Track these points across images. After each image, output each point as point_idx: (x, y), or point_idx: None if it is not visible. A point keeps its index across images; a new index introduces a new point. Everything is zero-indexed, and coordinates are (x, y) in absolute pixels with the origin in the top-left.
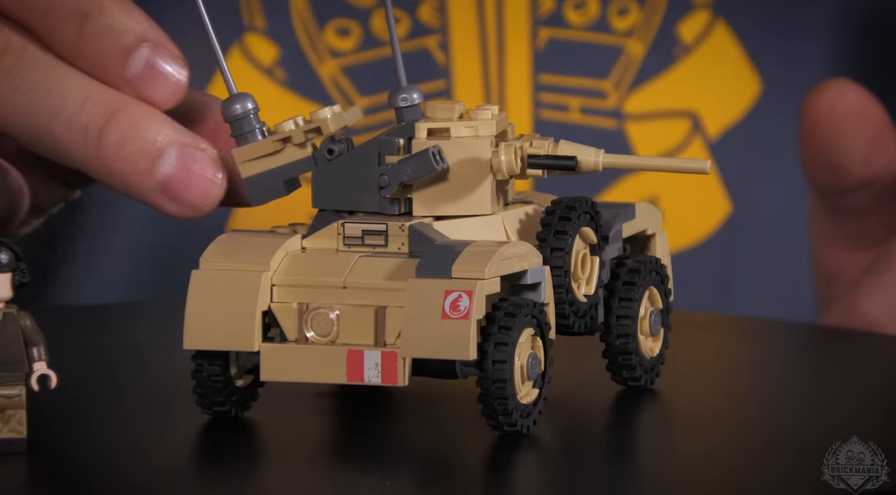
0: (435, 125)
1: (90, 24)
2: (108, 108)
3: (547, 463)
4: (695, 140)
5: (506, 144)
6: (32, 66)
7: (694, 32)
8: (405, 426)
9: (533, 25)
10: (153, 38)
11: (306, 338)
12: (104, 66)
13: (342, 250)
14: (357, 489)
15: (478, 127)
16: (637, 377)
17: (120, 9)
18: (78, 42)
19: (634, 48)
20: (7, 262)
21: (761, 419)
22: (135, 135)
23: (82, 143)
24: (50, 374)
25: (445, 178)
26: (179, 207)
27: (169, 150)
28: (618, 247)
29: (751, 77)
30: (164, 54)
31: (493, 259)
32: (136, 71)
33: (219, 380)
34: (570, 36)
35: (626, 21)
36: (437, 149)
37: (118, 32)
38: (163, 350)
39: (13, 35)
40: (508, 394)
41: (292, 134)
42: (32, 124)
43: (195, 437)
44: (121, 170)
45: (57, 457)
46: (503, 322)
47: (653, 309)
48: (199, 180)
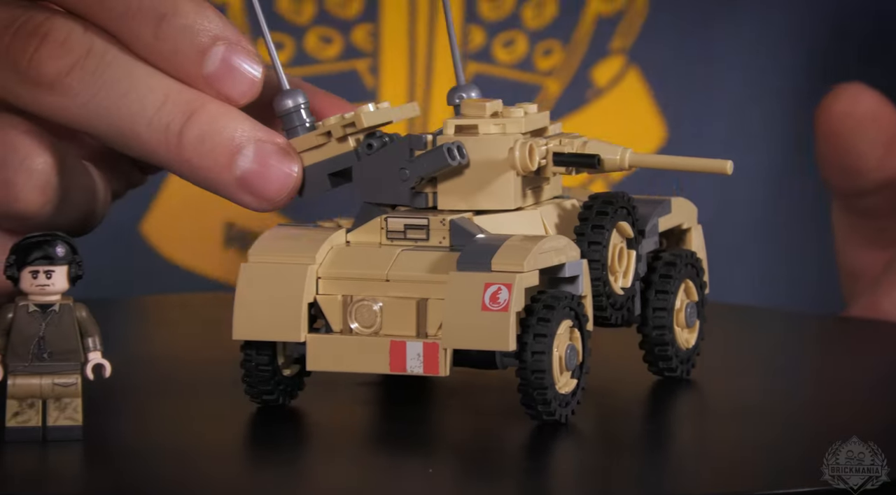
0: (463, 122)
1: (166, 24)
2: (187, 106)
3: (585, 452)
4: (597, 180)
5: (522, 141)
6: (114, 67)
7: (607, 77)
8: (446, 415)
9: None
10: (228, 36)
11: (350, 329)
12: (181, 65)
13: (385, 244)
14: (400, 475)
15: (506, 124)
16: (673, 367)
17: (195, 9)
18: (155, 43)
19: (552, 87)
20: (63, 255)
21: (796, 410)
22: (214, 132)
23: (163, 142)
24: (105, 364)
25: (470, 174)
26: (257, 200)
27: (246, 146)
28: (654, 241)
29: (657, 123)
30: (239, 52)
31: (531, 252)
32: (212, 69)
33: (266, 370)
34: (495, 72)
35: (549, 61)
36: (458, 144)
37: (194, 32)
38: (212, 340)
39: (96, 38)
40: (547, 384)
41: (332, 128)
42: (115, 125)
43: (243, 425)
44: (201, 165)
45: (111, 444)
46: (542, 314)
47: (688, 301)
48: (276, 174)
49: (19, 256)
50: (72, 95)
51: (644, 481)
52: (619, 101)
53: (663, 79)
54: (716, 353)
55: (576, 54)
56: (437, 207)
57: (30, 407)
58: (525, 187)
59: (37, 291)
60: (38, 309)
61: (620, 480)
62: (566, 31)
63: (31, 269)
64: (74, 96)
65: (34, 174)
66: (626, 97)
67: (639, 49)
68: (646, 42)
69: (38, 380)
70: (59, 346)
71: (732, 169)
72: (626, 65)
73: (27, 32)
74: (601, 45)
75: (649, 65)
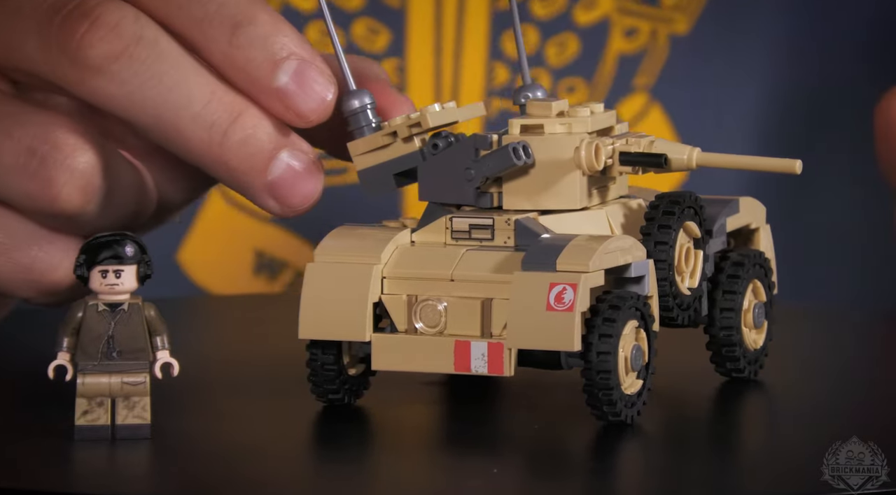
0: (529, 122)
1: (243, 33)
2: (232, 107)
3: (651, 453)
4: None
5: (588, 141)
6: (164, 59)
7: (632, 113)
8: (511, 415)
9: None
10: (302, 53)
11: (415, 328)
12: (253, 74)
13: (450, 244)
14: (465, 475)
15: (571, 124)
16: (741, 368)
17: (272, 21)
18: (229, 50)
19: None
20: (133, 255)
21: (865, 411)
22: (255, 137)
23: (206, 139)
24: (173, 363)
25: (535, 173)
26: (280, 207)
27: (281, 155)
28: (722, 241)
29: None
30: (313, 70)
31: (597, 252)
32: (283, 82)
33: (332, 369)
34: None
35: (572, 98)
36: (523, 144)
37: (269, 43)
38: (278, 339)
39: (147, 27)
40: (613, 385)
41: (398, 128)
42: (158, 116)
43: (309, 424)
44: (238, 168)
45: (178, 443)
46: (607, 314)
47: (756, 301)
48: (304, 184)
49: (89, 256)
50: (118, 81)
51: (711, 482)
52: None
53: (685, 114)
54: (784, 354)
55: (599, 90)
56: (501, 207)
57: (99, 406)
58: (591, 187)
59: (106, 291)
60: (107, 308)
61: (687, 481)
62: (588, 68)
63: (101, 269)
64: (121, 83)
65: (76, 173)
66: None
67: (661, 86)
68: (667, 79)
69: (107, 379)
70: (127, 345)
71: (801, 168)
72: (650, 101)
73: (78, 14)
74: (625, 82)
75: (671, 101)
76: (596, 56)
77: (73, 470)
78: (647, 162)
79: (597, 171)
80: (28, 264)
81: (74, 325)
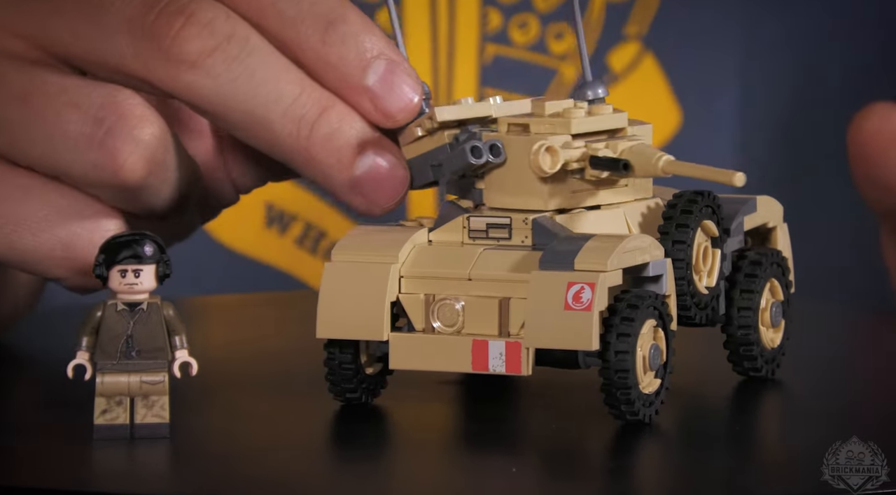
0: (516, 120)
1: (334, 31)
2: (320, 102)
3: (669, 452)
4: None
5: (540, 144)
6: (255, 55)
7: (623, 63)
8: (529, 414)
9: (481, 41)
10: (391, 54)
11: (433, 327)
12: (344, 72)
13: (467, 243)
14: (483, 474)
15: (555, 125)
16: (758, 367)
17: (361, 21)
18: (322, 48)
19: (567, 72)
20: (152, 254)
21: (883, 410)
22: (342, 132)
23: (294, 133)
24: (191, 362)
25: (507, 172)
26: (366, 203)
27: (368, 151)
28: (739, 240)
29: (672, 108)
30: (401, 71)
31: (614, 252)
32: (373, 81)
33: (350, 368)
34: (512, 54)
35: (561, 45)
36: (492, 143)
37: (360, 42)
38: (295, 338)
39: (238, 24)
40: (631, 384)
41: (420, 123)
42: (249, 111)
43: (327, 423)
44: (324, 161)
45: (197, 442)
46: (625, 313)
47: (774, 300)
48: (391, 181)
49: (108, 255)
50: (212, 76)
51: (729, 481)
52: (636, 87)
53: (678, 64)
54: (802, 353)
55: (587, 38)
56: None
57: (118, 405)
58: (567, 189)
59: (125, 290)
60: (126, 307)
61: (704, 480)
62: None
63: (120, 268)
64: (214, 77)
65: (140, 144)
66: (643, 83)
67: (653, 35)
68: (659, 28)
69: (125, 378)
70: (146, 344)
71: (742, 181)
72: (642, 51)
73: (172, 11)
74: (615, 30)
75: (663, 50)
76: (583, 2)
77: (92, 469)
78: (609, 167)
79: (546, 174)
80: (67, 240)
81: (93, 325)
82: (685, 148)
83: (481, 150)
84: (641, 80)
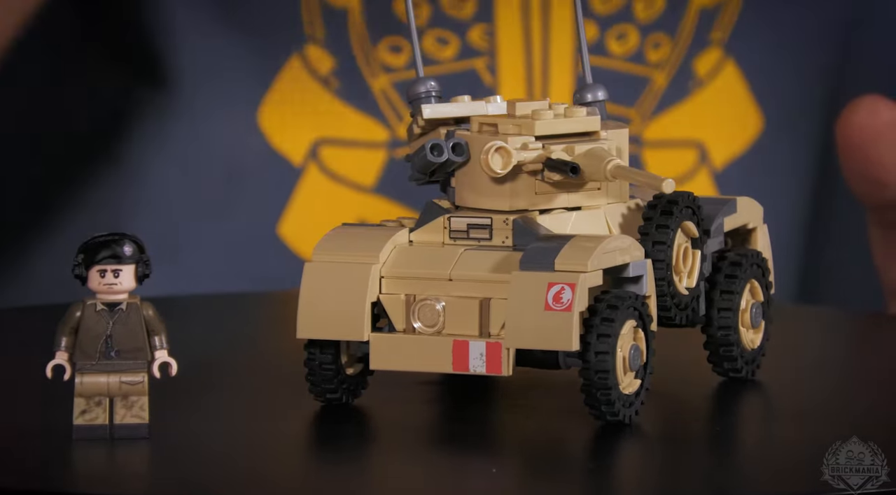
0: (486, 120)
1: None
2: None
3: (649, 452)
4: (701, 169)
5: (490, 144)
6: None
7: (707, 68)
8: (509, 415)
9: (575, 52)
10: None
11: (413, 328)
12: None
13: (448, 243)
14: (463, 475)
15: (521, 126)
16: (738, 368)
17: None
18: None
19: (659, 79)
20: (131, 255)
21: (862, 411)
22: None
23: None
24: (171, 362)
25: (472, 171)
26: None
27: None
28: (719, 241)
29: (754, 113)
30: None
31: (595, 252)
32: None
33: (330, 369)
34: (608, 65)
35: (658, 54)
36: (455, 141)
37: None
38: (275, 338)
39: None
40: (611, 385)
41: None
42: None
43: (307, 424)
44: None
45: (177, 442)
46: (606, 314)
47: (754, 301)
48: None
49: (87, 255)
50: None
51: (708, 482)
52: (719, 91)
53: (758, 69)
54: (781, 354)
55: (680, 46)
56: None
57: (97, 405)
58: (530, 190)
59: (104, 290)
60: (105, 307)
61: (685, 481)
62: (672, 23)
63: (99, 268)
64: None
65: None
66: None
67: (734, 40)
68: (741, 33)
69: (105, 378)
70: (126, 345)
71: (671, 188)
72: (724, 56)
73: None
74: (702, 35)
75: (744, 55)
76: (680, 10)
77: (71, 469)
78: (560, 169)
79: (496, 174)
80: None
81: (73, 325)
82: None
83: (442, 148)
84: (723, 87)
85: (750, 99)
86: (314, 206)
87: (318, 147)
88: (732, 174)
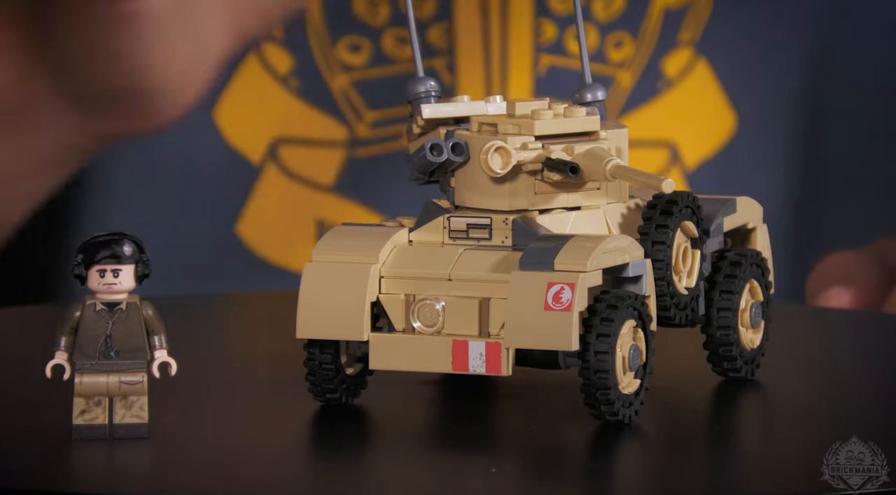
0: (486, 119)
1: None
2: None
3: (648, 452)
4: (673, 169)
5: (489, 145)
6: None
7: (677, 68)
8: (509, 414)
9: (535, 52)
10: None
11: (413, 328)
12: None
13: (447, 243)
14: (463, 474)
15: (521, 126)
16: (737, 368)
17: None
18: None
19: (624, 79)
20: (131, 254)
21: (863, 410)
22: None
23: None
24: (170, 362)
25: (470, 171)
26: None
27: None
28: (719, 241)
29: (727, 113)
30: None
31: (594, 252)
32: None
33: (330, 368)
34: (568, 64)
35: (620, 53)
36: (455, 141)
37: None
38: (275, 338)
39: None
40: (610, 384)
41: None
42: None
43: (307, 424)
44: None
45: (176, 442)
46: (605, 313)
47: (753, 301)
48: None
49: (87, 255)
50: None
51: (708, 482)
52: (690, 91)
53: (731, 69)
54: (781, 354)
55: (646, 46)
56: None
57: (96, 405)
58: (529, 189)
59: (104, 290)
60: (105, 307)
61: (684, 481)
62: (635, 23)
63: (99, 268)
64: None
65: None
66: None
67: (706, 40)
68: (713, 33)
69: (104, 378)
70: (125, 344)
71: (671, 188)
72: (695, 56)
73: None
74: (670, 36)
75: (716, 55)
76: (642, 10)
77: (71, 469)
78: (559, 169)
79: (497, 174)
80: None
81: (72, 325)
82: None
83: (442, 148)
84: (695, 87)
85: (723, 98)
86: (272, 206)
87: (277, 146)
88: (704, 174)
